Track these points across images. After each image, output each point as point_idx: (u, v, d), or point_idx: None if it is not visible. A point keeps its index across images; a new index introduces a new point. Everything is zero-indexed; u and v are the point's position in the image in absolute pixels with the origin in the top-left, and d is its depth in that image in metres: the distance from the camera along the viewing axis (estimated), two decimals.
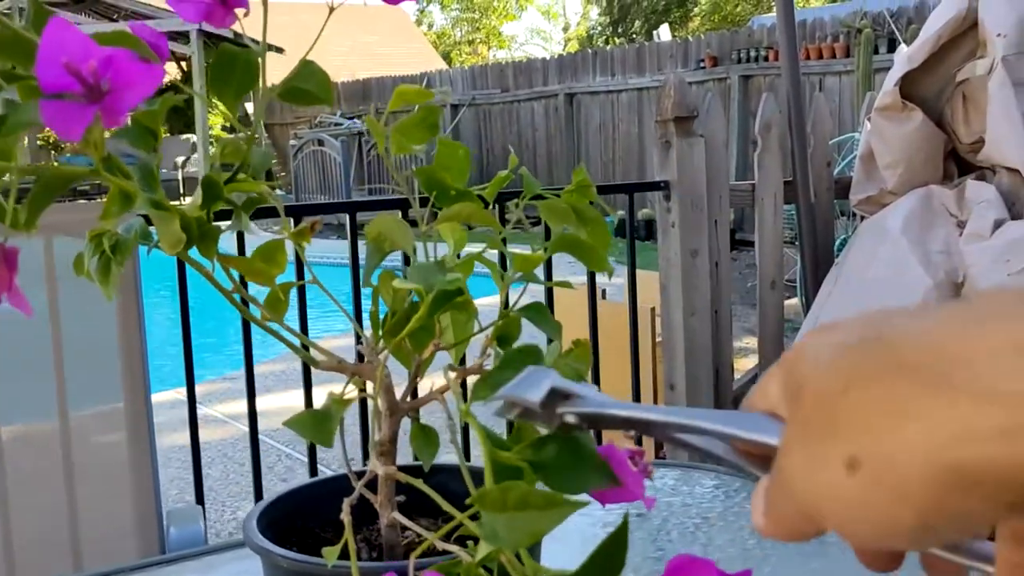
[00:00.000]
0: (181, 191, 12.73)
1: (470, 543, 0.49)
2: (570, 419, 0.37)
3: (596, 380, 2.19)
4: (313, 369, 2.24)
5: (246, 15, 0.58)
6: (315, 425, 0.56)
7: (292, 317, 0.68)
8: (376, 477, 0.61)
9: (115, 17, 12.00)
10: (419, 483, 0.53)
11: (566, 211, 0.66)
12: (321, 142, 10.54)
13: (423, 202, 0.64)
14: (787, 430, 0.29)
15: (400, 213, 1.90)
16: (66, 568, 1.63)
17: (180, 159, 12.72)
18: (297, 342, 0.60)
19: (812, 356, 0.29)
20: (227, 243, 0.64)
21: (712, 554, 0.79)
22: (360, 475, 0.63)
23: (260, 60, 0.55)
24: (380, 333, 0.62)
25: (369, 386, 0.62)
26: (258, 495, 2.20)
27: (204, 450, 2.12)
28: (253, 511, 0.63)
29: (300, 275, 1.65)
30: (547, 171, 10.05)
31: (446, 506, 0.48)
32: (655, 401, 2.73)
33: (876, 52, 6.06)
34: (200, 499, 2.09)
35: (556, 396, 0.38)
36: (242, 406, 4.02)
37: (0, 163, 0.45)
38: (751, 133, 8.00)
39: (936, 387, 0.25)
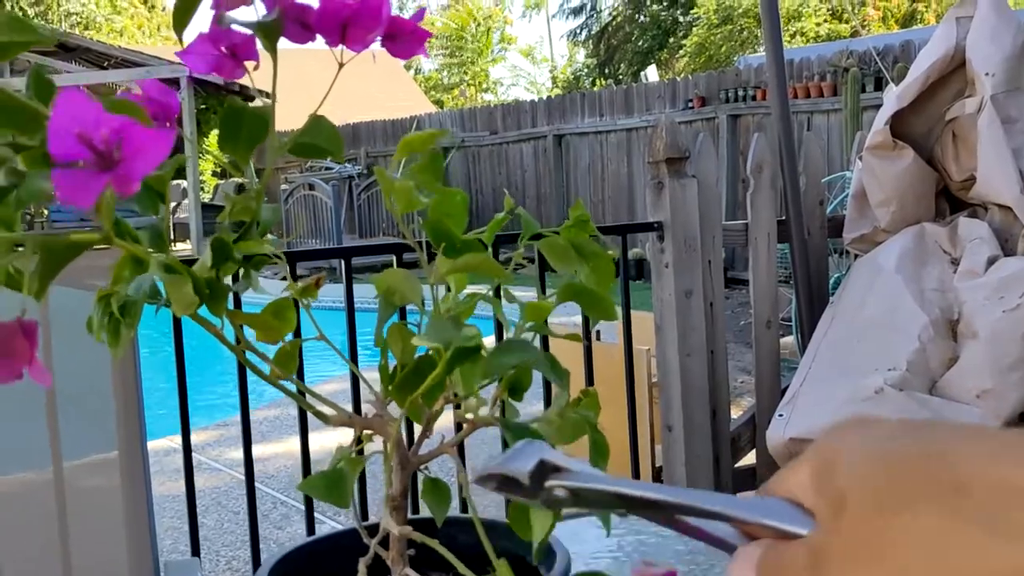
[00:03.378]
0: (172, 237, 12.69)
1: None
2: (559, 493, 0.35)
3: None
4: (311, 417, 2.22)
5: (256, 68, 0.58)
6: (330, 487, 0.56)
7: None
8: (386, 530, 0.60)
9: (105, 64, 12.09)
10: (435, 543, 0.52)
11: (566, 248, 0.66)
12: (312, 186, 10.58)
13: (430, 255, 0.64)
14: (824, 537, 0.28)
15: (395, 259, 1.91)
16: None
17: (171, 204, 12.73)
18: (317, 403, 0.60)
19: (856, 460, 0.28)
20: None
21: None
22: (370, 529, 0.62)
23: (270, 114, 0.56)
24: (390, 387, 0.61)
25: (378, 439, 0.62)
26: (255, 544, 2.17)
27: (198, 498, 2.09)
28: (263, 569, 0.62)
29: (299, 327, 1.64)
30: (536, 211, 10.11)
31: (461, 568, 0.48)
32: (652, 443, 2.71)
33: (863, 90, 6.15)
34: (196, 550, 2.06)
35: (545, 469, 0.36)
36: (236, 453, 3.98)
37: (5, 234, 0.44)
38: (740, 172, 8.09)
39: (992, 526, 0.23)
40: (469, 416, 0.57)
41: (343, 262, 2.10)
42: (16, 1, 18.90)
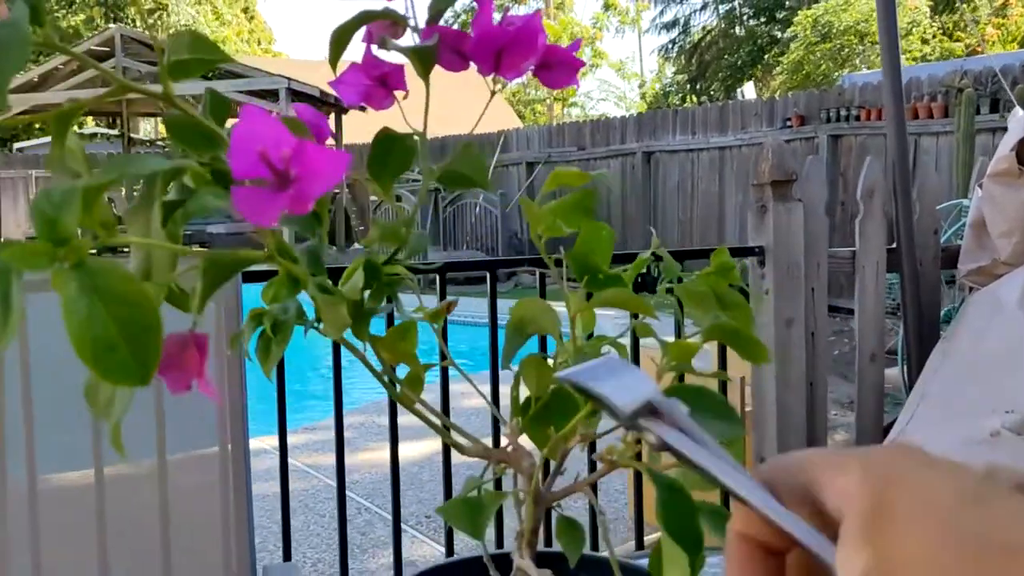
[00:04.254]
0: None
1: None
2: (650, 438, 0.34)
3: None
4: (398, 421, 2.23)
5: (405, 98, 0.58)
6: (467, 516, 0.55)
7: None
8: (510, 562, 0.59)
9: (209, 75, 12.53)
10: None
11: (707, 295, 0.64)
12: (399, 198, 10.72)
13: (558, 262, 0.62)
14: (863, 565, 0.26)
15: (537, 277, 1.92)
16: None
17: None
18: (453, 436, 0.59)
19: (922, 530, 0.25)
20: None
21: None
22: (494, 559, 0.61)
23: (422, 144, 0.55)
24: (522, 419, 0.60)
25: (508, 471, 0.61)
26: (343, 549, 2.19)
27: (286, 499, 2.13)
28: None
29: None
30: (621, 231, 10.01)
31: None
32: None
33: (978, 112, 5.87)
34: (288, 555, 2.09)
35: (647, 410, 0.34)
36: (321, 457, 4.05)
37: (175, 247, 0.45)
38: (839, 194, 7.86)
39: None
40: (611, 457, 0.55)
41: (489, 274, 2.10)
42: (130, 16, 19.81)
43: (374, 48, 0.53)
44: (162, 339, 0.35)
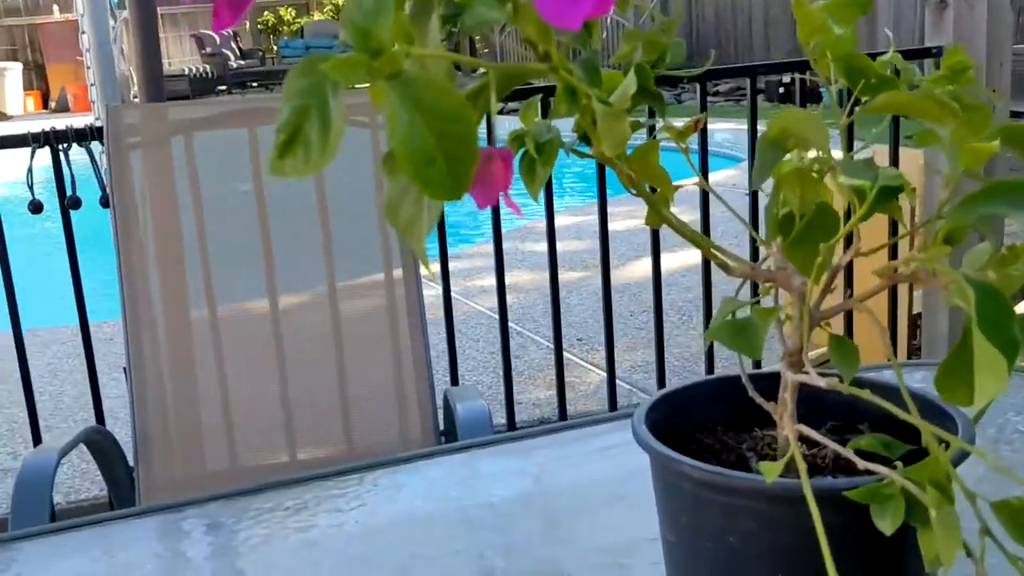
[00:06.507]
0: None
1: (899, 464, 0.46)
2: None
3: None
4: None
5: None
6: (739, 335, 0.54)
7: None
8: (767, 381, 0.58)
9: None
10: (865, 393, 0.49)
11: (947, 101, 0.58)
12: None
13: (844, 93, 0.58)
14: None
15: (796, 83, 1.86)
16: (336, 432, 1.75)
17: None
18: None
19: None
20: None
21: None
22: (755, 379, 0.61)
23: None
24: (785, 238, 0.58)
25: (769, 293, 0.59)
26: (507, 372, 2.29)
27: (439, 325, 2.23)
28: (641, 412, 0.62)
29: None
30: (763, 38, 9.41)
31: (918, 422, 0.45)
32: (911, 289, 2.56)
33: None
34: (455, 380, 2.19)
35: None
36: (468, 283, 4.17)
37: (463, 58, 0.43)
38: None
39: None
40: (902, 270, 0.52)
41: (750, 81, 2.08)
42: None
43: None
44: (477, 154, 0.35)
